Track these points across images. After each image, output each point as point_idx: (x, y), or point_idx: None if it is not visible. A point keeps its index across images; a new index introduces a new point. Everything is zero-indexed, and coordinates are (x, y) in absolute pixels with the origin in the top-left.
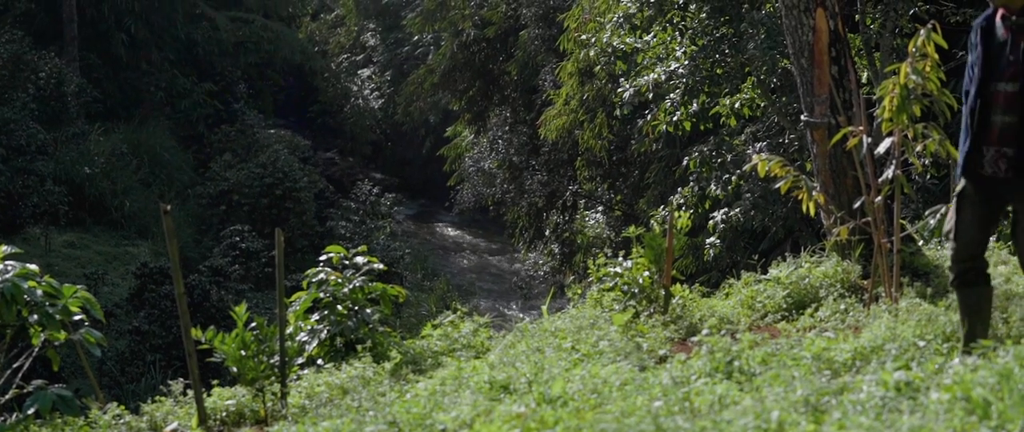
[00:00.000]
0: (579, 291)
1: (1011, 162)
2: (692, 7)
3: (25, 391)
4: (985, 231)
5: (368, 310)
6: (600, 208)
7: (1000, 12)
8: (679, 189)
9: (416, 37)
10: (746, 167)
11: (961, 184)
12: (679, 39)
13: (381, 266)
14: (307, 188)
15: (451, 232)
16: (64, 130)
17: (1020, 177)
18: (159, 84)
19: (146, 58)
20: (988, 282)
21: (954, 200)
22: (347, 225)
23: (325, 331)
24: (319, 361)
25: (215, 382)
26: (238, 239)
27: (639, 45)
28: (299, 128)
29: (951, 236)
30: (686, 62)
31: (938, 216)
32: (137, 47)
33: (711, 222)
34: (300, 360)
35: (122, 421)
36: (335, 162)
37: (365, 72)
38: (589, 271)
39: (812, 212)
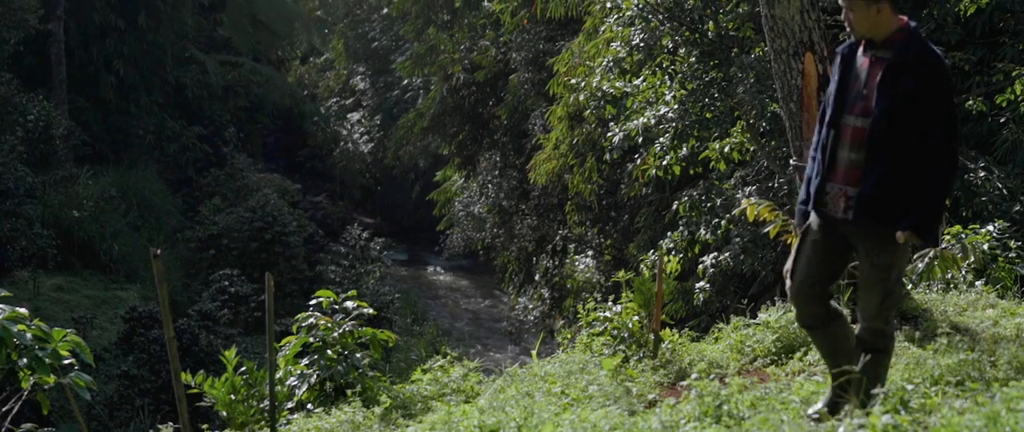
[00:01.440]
0: (569, 335)
1: (853, 202)
2: (681, 51)
3: None
4: (825, 270)
5: (358, 355)
6: (590, 252)
7: (863, 41)
8: (669, 233)
9: (406, 81)
10: (735, 211)
11: (809, 220)
12: (668, 83)
13: (371, 311)
14: (297, 232)
15: (441, 276)
16: (52, 173)
17: (861, 219)
18: (148, 127)
19: (135, 101)
20: (837, 315)
21: (797, 237)
22: (337, 269)
23: (315, 375)
24: (309, 405)
25: (205, 426)
26: (227, 283)
27: (628, 89)
28: (289, 172)
29: (788, 275)
30: (676, 106)
31: (926, 260)
32: (126, 90)
33: (701, 266)
34: (290, 404)
35: None
36: (325, 206)
37: (355, 116)
38: (579, 315)
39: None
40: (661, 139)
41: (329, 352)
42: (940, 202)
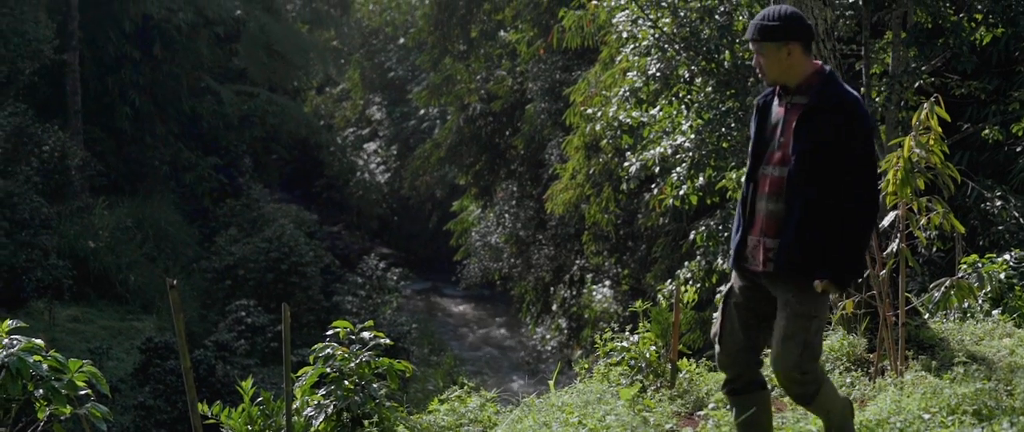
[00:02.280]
0: (586, 366)
1: (772, 254)
2: (698, 81)
3: None
4: (752, 333)
5: (375, 385)
6: (607, 282)
7: (777, 88)
8: (686, 263)
9: (422, 111)
10: None
11: (731, 280)
12: (685, 113)
13: (388, 341)
14: (313, 263)
15: (458, 307)
16: (68, 204)
17: (781, 270)
18: (164, 158)
19: (150, 132)
20: (763, 387)
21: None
22: (353, 300)
23: (332, 406)
24: None
25: None
26: (244, 314)
27: (645, 119)
28: (305, 202)
29: (715, 339)
30: (692, 136)
31: (942, 289)
32: (142, 120)
33: (718, 296)
34: None
35: None
36: (341, 236)
37: (371, 146)
38: (596, 345)
39: (818, 287)
40: (678, 169)
41: (346, 382)
42: (859, 250)
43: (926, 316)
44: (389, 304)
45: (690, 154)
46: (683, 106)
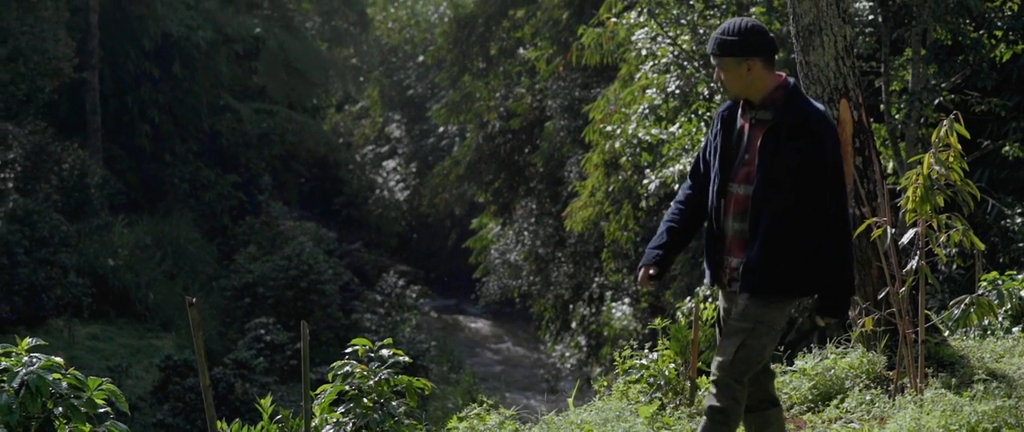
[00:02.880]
0: (606, 383)
1: (737, 273)
2: (717, 98)
3: None
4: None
5: (394, 403)
6: (626, 300)
7: (742, 101)
8: (705, 280)
9: (441, 128)
10: None
11: (718, 301)
12: (704, 130)
13: (407, 359)
14: (332, 280)
15: (477, 324)
16: (87, 222)
17: (746, 288)
18: (183, 176)
19: (170, 149)
20: (775, 404)
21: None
22: (373, 317)
23: (351, 424)
24: None
25: None
26: (263, 332)
27: (664, 136)
28: (324, 220)
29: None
30: None
31: (962, 307)
32: (161, 139)
33: None
34: None
35: None
36: (360, 254)
37: (390, 163)
38: (615, 363)
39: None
40: None
41: (365, 400)
42: (848, 270)
43: (946, 334)
44: (408, 322)
45: None
46: (702, 123)
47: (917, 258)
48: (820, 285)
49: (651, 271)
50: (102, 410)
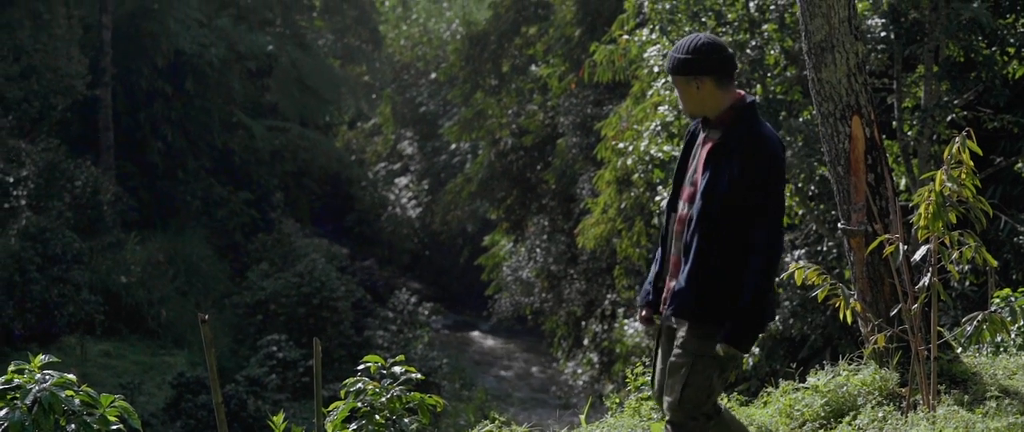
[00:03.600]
0: (618, 400)
1: (670, 295)
2: None
3: None
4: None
5: (406, 420)
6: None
7: (702, 119)
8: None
9: (453, 146)
10: (784, 275)
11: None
12: None
13: (419, 376)
14: (344, 297)
15: (489, 341)
16: (100, 239)
17: (678, 314)
18: (195, 193)
19: (182, 167)
20: (718, 410)
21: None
22: (385, 334)
23: None
24: None
25: None
26: (275, 349)
27: (676, 153)
28: (336, 237)
29: (651, 385)
30: None
31: (975, 324)
32: (173, 155)
33: None
34: None
35: None
36: (372, 271)
37: (402, 180)
38: (628, 380)
39: (850, 320)
40: None
41: (377, 417)
42: (757, 308)
43: (958, 350)
44: (420, 339)
45: None
46: None
47: (929, 275)
48: (734, 315)
49: (643, 314)
50: (115, 427)
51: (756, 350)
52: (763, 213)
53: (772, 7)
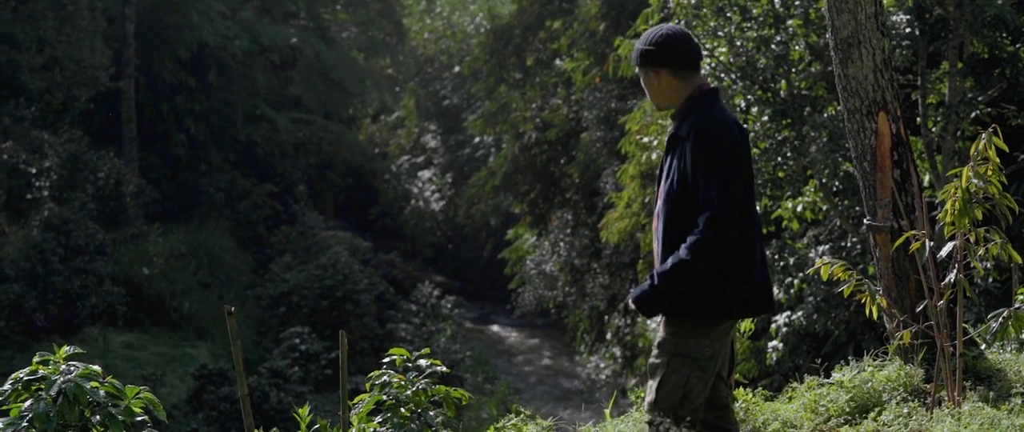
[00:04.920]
0: (641, 394)
1: None
2: (754, 110)
3: None
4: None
5: (431, 413)
6: None
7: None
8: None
9: (477, 139)
10: (809, 271)
11: None
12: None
13: (444, 369)
14: (367, 290)
15: (512, 335)
16: (123, 230)
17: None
18: (218, 185)
19: (206, 159)
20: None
21: None
22: (408, 328)
23: None
24: None
25: None
26: (298, 341)
27: None
28: (359, 229)
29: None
30: None
31: (1000, 320)
32: (197, 148)
33: (774, 326)
34: None
35: None
36: (395, 264)
37: (425, 174)
38: None
39: (875, 316)
40: None
41: (402, 410)
42: (669, 282)
43: (983, 347)
44: (443, 332)
45: None
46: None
47: (955, 271)
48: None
49: None
50: (140, 418)
51: (780, 345)
52: (709, 199)
53: (797, 2)
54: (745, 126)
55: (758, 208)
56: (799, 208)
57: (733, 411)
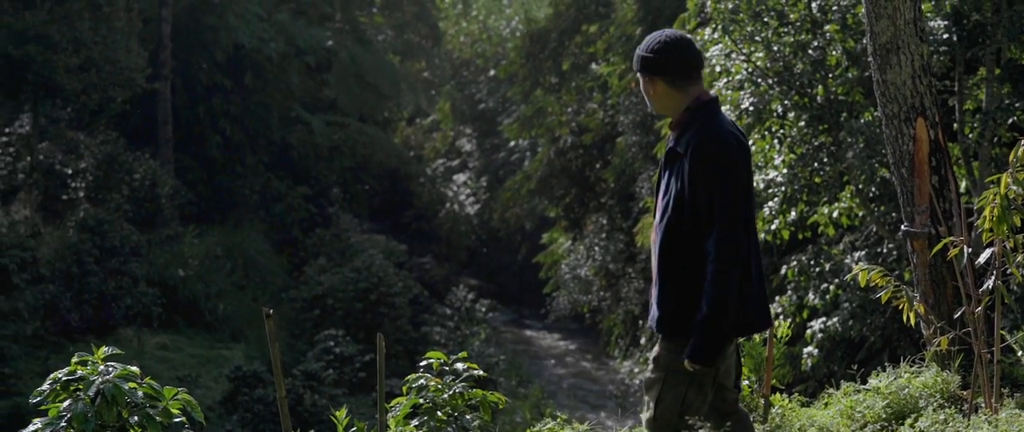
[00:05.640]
0: None
1: (651, 310)
2: (791, 116)
3: None
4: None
5: (467, 417)
6: None
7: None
8: (777, 298)
9: (512, 143)
10: (848, 277)
11: None
12: (777, 147)
13: (481, 372)
14: (402, 293)
15: (546, 339)
16: (158, 232)
17: (654, 329)
18: (254, 187)
19: (241, 161)
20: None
21: None
22: (442, 331)
23: None
24: None
25: None
26: (332, 344)
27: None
28: (394, 232)
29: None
30: (784, 171)
31: None
32: (232, 150)
33: (809, 331)
34: None
35: None
36: (430, 267)
37: (460, 177)
38: None
39: (912, 322)
40: (770, 203)
41: (439, 414)
42: (715, 319)
43: (1020, 354)
44: (477, 335)
45: (782, 189)
46: (775, 140)
47: (993, 278)
48: (695, 331)
49: None
50: (177, 419)
51: (815, 351)
52: (711, 220)
53: (834, 7)
54: (781, 131)
55: (793, 214)
56: (835, 214)
57: (743, 413)
